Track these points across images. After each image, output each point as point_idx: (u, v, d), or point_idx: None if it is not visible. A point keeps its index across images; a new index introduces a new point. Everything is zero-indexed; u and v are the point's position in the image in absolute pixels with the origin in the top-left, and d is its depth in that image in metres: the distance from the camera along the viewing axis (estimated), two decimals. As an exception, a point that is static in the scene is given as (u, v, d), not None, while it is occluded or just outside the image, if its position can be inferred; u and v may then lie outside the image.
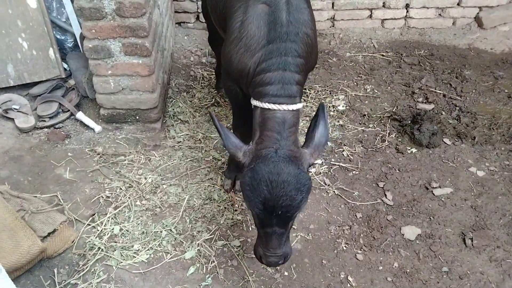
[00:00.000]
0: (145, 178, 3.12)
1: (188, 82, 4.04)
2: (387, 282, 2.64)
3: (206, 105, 3.77)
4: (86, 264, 2.62)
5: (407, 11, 4.65)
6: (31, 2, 3.37)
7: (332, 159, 3.35)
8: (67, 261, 2.64)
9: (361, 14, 4.65)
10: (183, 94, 3.88)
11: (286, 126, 2.20)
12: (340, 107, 3.79)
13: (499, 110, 3.76)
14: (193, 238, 2.80)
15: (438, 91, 3.94)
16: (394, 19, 4.69)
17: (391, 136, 3.54)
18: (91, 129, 3.45)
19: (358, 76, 4.15)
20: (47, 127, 3.43)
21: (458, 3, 4.61)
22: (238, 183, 3.00)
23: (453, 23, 4.72)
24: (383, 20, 4.71)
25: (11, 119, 3.43)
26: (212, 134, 3.50)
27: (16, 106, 3.45)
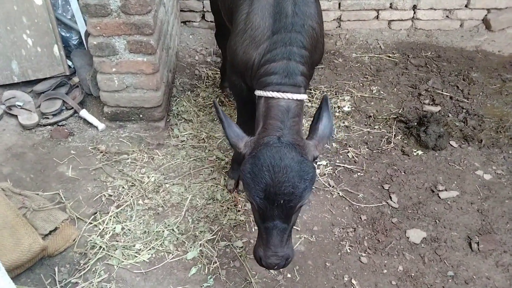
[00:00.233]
0: (148, 177, 3.10)
1: (192, 81, 4.02)
2: (392, 286, 2.61)
3: (210, 105, 3.75)
4: (87, 263, 2.60)
5: (414, 12, 4.62)
6: (37, -1, 3.37)
7: (337, 160, 3.32)
8: (68, 259, 2.63)
9: (367, 15, 4.62)
10: (188, 93, 3.87)
11: (289, 115, 2.15)
12: (346, 108, 3.76)
13: (507, 113, 3.72)
14: (196, 238, 2.78)
15: (445, 93, 3.90)
16: (401, 20, 4.66)
17: (397, 138, 3.51)
18: (95, 127, 3.43)
19: (364, 77, 4.12)
20: (51, 124, 3.42)
21: (466, 5, 4.57)
22: (241, 183, 2.97)
23: (461, 25, 4.68)
24: (390, 21, 4.68)
25: (14, 115, 3.43)
26: (216, 134, 3.47)
27: (20, 103, 3.44)
